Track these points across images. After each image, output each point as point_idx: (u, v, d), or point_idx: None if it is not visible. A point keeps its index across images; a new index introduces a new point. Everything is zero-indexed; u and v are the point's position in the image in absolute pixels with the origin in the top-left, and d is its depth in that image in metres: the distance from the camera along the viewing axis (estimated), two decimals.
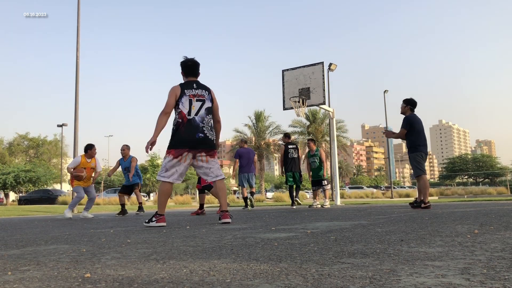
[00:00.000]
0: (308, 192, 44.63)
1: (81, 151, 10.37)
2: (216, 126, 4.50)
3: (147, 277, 1.52)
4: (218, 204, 16.46)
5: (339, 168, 64.87)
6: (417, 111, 7.00)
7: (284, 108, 12.46)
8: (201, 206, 7.96)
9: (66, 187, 45.35)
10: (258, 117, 43.22)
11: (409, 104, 6.84)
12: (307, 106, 12.25)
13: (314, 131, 35.74)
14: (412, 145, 6.58)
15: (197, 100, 4.24)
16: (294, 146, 9.72)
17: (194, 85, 4.34)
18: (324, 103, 11.98)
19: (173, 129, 4.28)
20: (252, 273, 1.54)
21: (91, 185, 8.24)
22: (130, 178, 9.08)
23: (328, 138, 34.13)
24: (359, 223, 3.85)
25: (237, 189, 62.90)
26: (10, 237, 3.49)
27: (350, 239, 2.53)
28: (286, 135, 10.12)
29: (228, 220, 4.31)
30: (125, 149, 9.20)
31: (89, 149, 8.03)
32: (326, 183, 9.83)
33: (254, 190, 9.91)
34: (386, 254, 1.89)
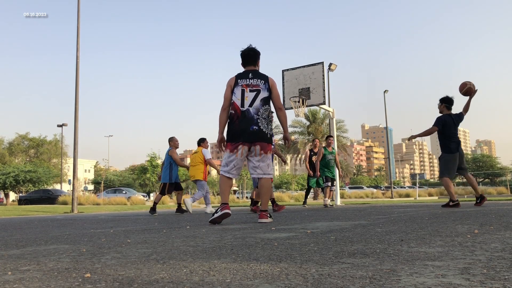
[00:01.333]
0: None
1: (81, 151, 10.40)
2: (279, 114, 4.27)
3: (147, 277, 1.52)
4: (218, 204, 16.48)
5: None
6: (418, 111, 7.04)
7: (284, 108, 12.46)
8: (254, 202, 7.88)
9: (66, 187, 45.38)
10: None
11: (444, 102, 6.64)
12: (307, 106, 12.25)
13: (314, 131, 35.72)
14: (443, 144, 6.51)
15: (250, 91, 4.06)
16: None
17: (250, 74, 4.16)
18: (324, 103, 11.98)
19: (228, 121, 4.16)
20: (252, 273, 1.54)
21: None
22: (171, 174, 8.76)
23: None
24: (359, 223, 3.85)
25: (237, 189, 62.83)
26: (10, 237, 3.49)
27: (350, 239, 2.53)
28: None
29: (266, 220, 4.15)
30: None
31: (202, 142, 8.65)
32: (334, 184, 9.96)
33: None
34: (386, 254, 1.89)
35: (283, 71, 12.61)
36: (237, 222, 4.59)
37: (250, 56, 4.22)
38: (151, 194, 47.69)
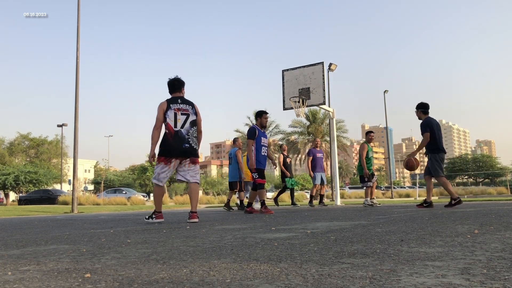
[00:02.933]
0: (308, 192, 44.60)
1: (81, 151, 10.50)
2: (199, 136, 4.98)
3: (147, 277, 1.52)
4: (217, 204, 16.49)
5: (339, 168, 64.84)
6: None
7: (284, 108, 12.45)
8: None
9: (66, 187, 45.37)
10: None
11: (421, 108, 6.85)
12: (307, 106, 12.25)
13: (314, 131, 35.74)
14: (432, 147, 6.64)
15: (181, 114, 4.76)
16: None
17: (179, 100, 4.84)
18: (324, 103, 11.98)
19: (162, 138, 4.78)
20: (252, 273, 1.54)
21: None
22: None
23: (328, 138, 34.11)
24: (359, 223, 3.85)
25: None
26: (10, 237, 3.49)
27: (350, 239, 2.53)
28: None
29: (196, 220, 4.76)
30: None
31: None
32: (366, 180, 8.91)
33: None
34: (386, 254, 1.89)
35: (283, 71, 12.61)
36: (237, 222, 4.59)
37: (175, 85, 4.94)
38: (151, 194, 47.65)
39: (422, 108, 6.82)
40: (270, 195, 42.95)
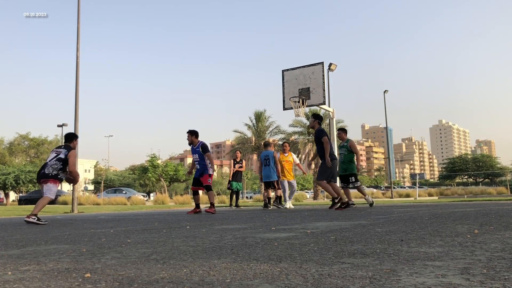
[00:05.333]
0: (308, 192, 44.58)
1: (81, 151, 10.61)
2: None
3: (147, 277, 1.52)
4: (217, 204, 16.52)
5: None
6: (418, 111, 7.08)
7: (284, 108, 12.45)
8: (197, 205, 8.19)
9: (66, 187, 45.36)
10: (259, 117, 43.24)
11: (317, 119, 7.72)
12: (307, 106, 12.25)
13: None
14: (330, 152, 7.35)
15: (53, 152, 6.28)
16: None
17: (62, 145, 6.40)
18: (324, 103, 11.97)
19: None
20: (252, 273, 1.54)
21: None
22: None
23: None
24: (359, 223, 3.85)
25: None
26: (10, 237, 3.49)
27: (350, 239, 2.53)
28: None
29: (30, 219, 5.60)
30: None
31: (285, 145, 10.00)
32: (354, 179, 8.27)
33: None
34: (386, 254, 1.89)
35: (283, 71, 12.61)
36: (237, 222, 4.59)
37: (66, 138, 6.46)
38: (151, 194, 47.67)
39: (319, 119, 7.72)
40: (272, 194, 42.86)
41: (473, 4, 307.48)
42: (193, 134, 8.11)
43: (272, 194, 10.01)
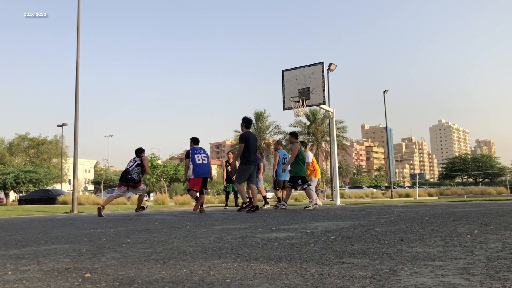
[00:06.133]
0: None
1: (81, 151, 10.74)
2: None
3: (147, 277, 1.53)
4: (220, 204, 16.52)
5: (339, 168, 64.82)
6: (418, 111, 7.07)
7: (284, 108, 12.45)
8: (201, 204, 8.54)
9: (66, 187, 45.36)
10: (259, 117, 43.30)
11: (244, 123, 7.77)
12: (307, 106, 12.25)
13: (314, 131, 35.76)
14: (244, 159, 7.52)
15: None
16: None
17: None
18: (324, 103, 11.98)
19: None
20: (252, 273, 1.54)
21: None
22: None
23: (328, 138, 34.14)
24: (359, 223, 3.85)
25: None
26: (10, 237, 3.49)
27: (350, 239, 2.53)
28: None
29: None
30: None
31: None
32: (301, 182, 8.61)
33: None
34: (386, 254, 1.89)
35: (283, 71, 12.61)
36: (237, 222, 4.59)
37: (137, 152, 8.29)
38: (151, 194, 47.67)
39: (245, 123, 7.77)
40: (270, 195, 42.94)
41: (473, 4, 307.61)
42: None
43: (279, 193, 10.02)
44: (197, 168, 8.28)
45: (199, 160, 8.32)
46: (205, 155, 8.44)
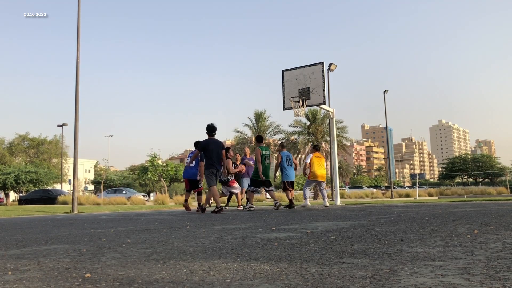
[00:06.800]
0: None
1: (81, 151, 10.76)
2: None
3: (147, 277, 1.53)
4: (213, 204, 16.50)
5: (339, 168, 64.80)
6: (418, 111, 7.06)
7: (284, 108, 12.46)
8: (199, 204, 9.03)
9: (66, 187, 45.36)
10: (258, 117, 43.29)
11: (206, 130, 8.32)
12: (307, 106, 12.25)
13: (314, 131, 35.74)
14: (206, 163, 8.09)
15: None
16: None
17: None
18: (324, 103, 11.98)
19: None
20: (252, 273, 1.54)
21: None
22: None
23: (328, 138, 34.14)
24: (359, 223, 3.85)
25: None
26: (10, 237, 3.49)
27: (350, 239, 2.53)
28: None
29: None
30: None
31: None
32: (269, 184, 9.13)
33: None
34: (386, 254, 1.89)
35: (283, 71, 12.62)
36: (237, 222, 4.59)
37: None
38: (151, 194, 47.67)
39: (207, 131, 8.28)
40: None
41: (473, 4, 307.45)
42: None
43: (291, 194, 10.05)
44: (184, 171, 9.27)
45: (187, 163, 9.24)
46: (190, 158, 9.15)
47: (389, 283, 1.30)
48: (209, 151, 8.01)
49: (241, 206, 10.24)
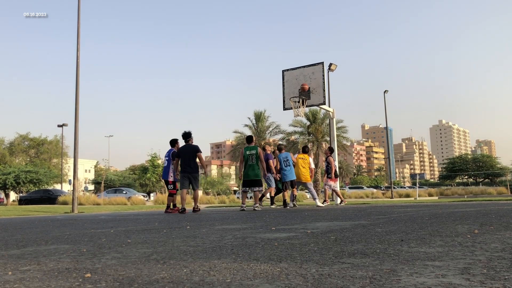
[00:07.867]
0: (308, 193, 44.49)
1: (81, 151, 10.83)
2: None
3: (148, 277, 1.53)
4: (216, 204, 16.55)
5: (339, 168, 64.74)
6: (418, 111, 7.06)
7: (284, 108, 12.46)
8: (173, 205, 9.30)
9: (66, 187, 45.37)
10: (258, 117, 43.28)
11: (182, 136, 8.92)
12: (307, 106, 12.26)
13: (314, 131, 35.74)
14: (181, 167, 8.75)
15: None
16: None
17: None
18: (324, 103, 11.99)
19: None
20: (252, 273, 1.54)
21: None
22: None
23: (328, 138, 34.14)
24: (359, 223, 3.85)
25: (237, 189, 62.97)
26: (10, 237, 3.49)
27: (350, 239, 2.53)
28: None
29: None
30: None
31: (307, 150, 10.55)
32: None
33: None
34: (386, 254, 1.89)
35: (283, 71, 12.62)
36: (237, 222, 4.59)
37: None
38: (151, 194, 47.66)
39: (183, 137, 8.87)
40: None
41: (474, 5, 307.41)
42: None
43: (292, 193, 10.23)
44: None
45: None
46: (167, 158, 9.41)
47: (389, 283, 1.30)
48: (183, 156, 8.73)
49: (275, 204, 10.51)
